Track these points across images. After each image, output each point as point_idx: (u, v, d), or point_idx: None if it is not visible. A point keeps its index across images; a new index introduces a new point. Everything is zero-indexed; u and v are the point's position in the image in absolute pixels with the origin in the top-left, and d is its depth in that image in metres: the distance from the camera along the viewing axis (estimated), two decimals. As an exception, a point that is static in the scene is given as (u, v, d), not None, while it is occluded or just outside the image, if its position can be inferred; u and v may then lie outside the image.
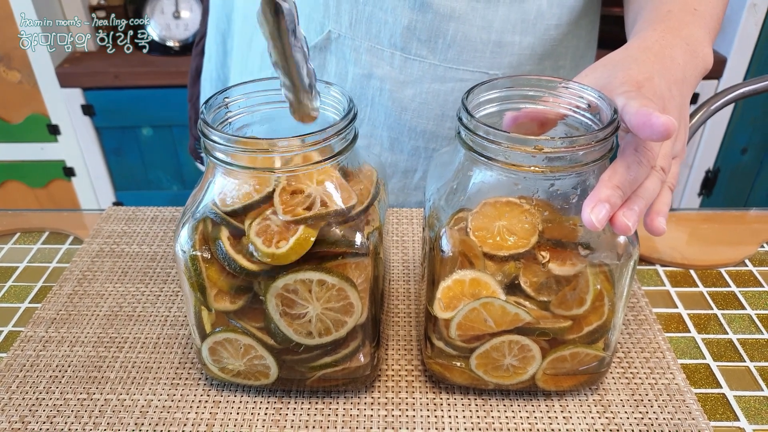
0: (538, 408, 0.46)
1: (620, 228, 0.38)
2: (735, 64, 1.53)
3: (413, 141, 0.69)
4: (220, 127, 0.42)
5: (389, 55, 0.63)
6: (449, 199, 0.43)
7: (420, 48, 0.63)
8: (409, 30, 0.62)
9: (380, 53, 0.64)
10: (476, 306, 0.42)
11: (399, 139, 0.69)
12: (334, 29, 0.63)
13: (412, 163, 0.71)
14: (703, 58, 0.48)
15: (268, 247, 0.39)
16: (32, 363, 0.50)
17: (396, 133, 0.69)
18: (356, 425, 0.45)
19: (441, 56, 0.63)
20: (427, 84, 0.65)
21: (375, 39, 0.63)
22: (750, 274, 0.61)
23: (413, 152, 0.70)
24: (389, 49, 0.63)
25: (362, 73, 0.65)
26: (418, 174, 0.72)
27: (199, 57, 0.83)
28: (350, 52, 0.64)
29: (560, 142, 0.37)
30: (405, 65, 0.64)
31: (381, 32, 0.62)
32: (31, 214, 0.72)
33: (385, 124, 0.68)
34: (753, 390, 0.49)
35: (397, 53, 0.63)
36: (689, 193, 1.75)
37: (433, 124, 0.67)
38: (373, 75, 0.65)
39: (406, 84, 0.65)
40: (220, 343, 0.45)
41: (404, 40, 0.63)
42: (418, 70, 0.64)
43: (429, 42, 0.63)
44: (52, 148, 1.68)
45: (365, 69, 0.65)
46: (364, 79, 0.66)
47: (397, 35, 0.62)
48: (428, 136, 0.68)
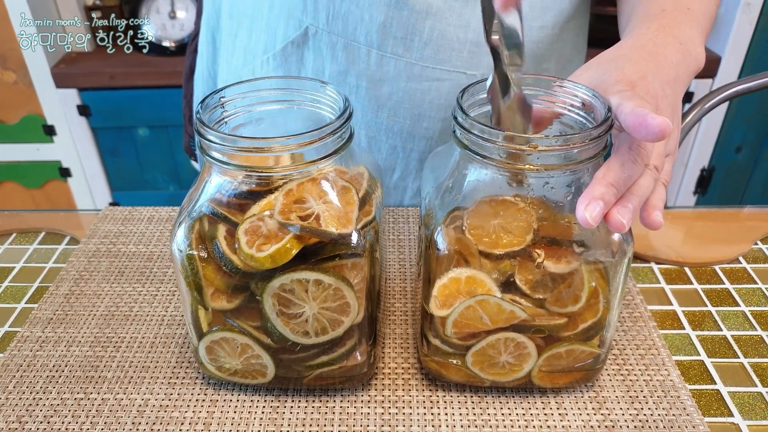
0: (534, 405, 0.47)
1: (615, 225, 0.38)
2: (729, 63, 1.54)
3: (390, 140, 0.69)
4: (216, 126, 0.43)
5: (365, 53, 0.63)
6: (445, 197, 0.43)
7: (396, 46, 0.62)
8: (385, 27, 0.61)
9: (357, 50, 0.63)
10: (472, 303, 0.42)
11: (376, 138, 0.69)
12: (311, 25, 0.63)
13: (390, 162, 0.71)
14: (695, 57, 0.48)
15: (249, 247, 0.39)
16: (29, 363, 0.50)
17: (373, 131, 0.68)
18: (353, 423, 0.45)
19: (417, 54, 0.63)
20: (404, 83, 0.64)
21: (351, 36, 0.62)
22: (744, 271, 0.61)
23: (391, 151, 0.70)
24: (365, 46, 0.63)
25: (339, 70, 0.65)
26: (396, 173, 0.72)
27: (193, 55, 0.83)
28: (327, 49, 0.64)
29: (555, 140, 0.38)
30: (381, 63, 0.63)
31: (357, 29, 0.62)
32: (28, 214, 0.72)
33: (362, 122, 0.68)
34: (747, 386, 0.49)
35: (374, 50, 0.63)
36: (684, 192, 1.75)
37: (410, 123, 0.67)
38: (349, 72, 0.65)
39: (382, 82, 0.65)
40: (217, 342, 0.45)
41: (380, 38, 0.62)
42: (394, 69, 0.64)
43: (405, 39, 0.62)
44: (48, 149, 1.67)
45: (342, 66, 0.65)
46: (340, 76, 0.65)
47: (373, 32, 0.62)
48: (405, 135, 0.68)
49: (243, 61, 0.70)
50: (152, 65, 1.54)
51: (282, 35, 0.66)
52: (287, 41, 0.65)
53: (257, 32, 0.68)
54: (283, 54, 0.66)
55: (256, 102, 0.45)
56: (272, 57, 0.67)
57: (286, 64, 0.67)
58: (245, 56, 0.70)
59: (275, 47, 0.66)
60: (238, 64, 0.71)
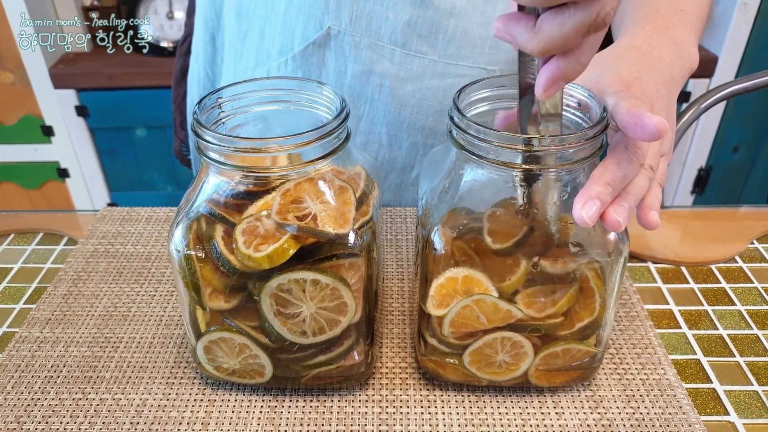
0: (530, 404, 0.47)
1: (611, 224, 0.38)
2: (726, 63, 1.54)
3: (412, 137, 0.69)
4: (213, 127, 0.43)
5: (389, 52, 0.64)
6: (441, 197, 0.44)
7: (420, 44, 0.63)
8: (410, 26, 0.62)
9: (380, 49, 0.64)
10: (468, 303, 0.42)
11: (398, 136, 0.69)
12: (333, 25, 0.63)
13: (410, 159, 0.71)
14: (689, 58, 0.48)
15: (247, 248, 0.39)
16: (27, 363, 0.50)
17: (395, 129, 0.69)
18: (351, 422, 0.46)
19: (441, 52, 0.64)
20: (427, 80, 0.65)
21: (375, 35, 0.63)
22: (740, 270, 0.62)
23: (411, 148, 0.70)
24: (389, 45, 0.63)
25: (362, 70, 0.65)
26: (415, 170, 0.72)
27: (184, 57, 0.83)
28: (350, 49, 0.64)
29: (550, 140, 0.38)
30: (405, 61, 0.64)
31: (381, 28, 0.63)
32: (26, 215, 0.72)
33: (384, 120, 0.68)
34: (743, 384, 0.49)
35: (398, 49, 0.63)
36: (682, 191, 1.76)
37: (432, 120, 0.68)
38: (373, 71, 0.65)
39: (405, 80, 0.65)
40: (214, 342, 0.45)
41: (405, 36, 0.63)
42: (418, 66, 0.64)
43: (429, 38, 0.63)
44: (46, 150, 1.67)
45: (365, 66, 0.65)
46: (363, 76, 0.66)
47: (398, 31, 0.62)
48: (427, 132, 0.69)
49: (255, 62, 0.70)
50: (150, 66, 1.54)
51: (300, 36, 0.65)
52: (307, 42, 0.65)
53: (271, 33, 0.67)
54: (304, 55, 0.66)
55: (254, 103, 0.45)
56: (291, 59, 0.67)
57: (307, 65, 0.67)
58: (257, 57, 0.70)
59: (293, 48, 0.66)
60: (248, 65, 0.71)
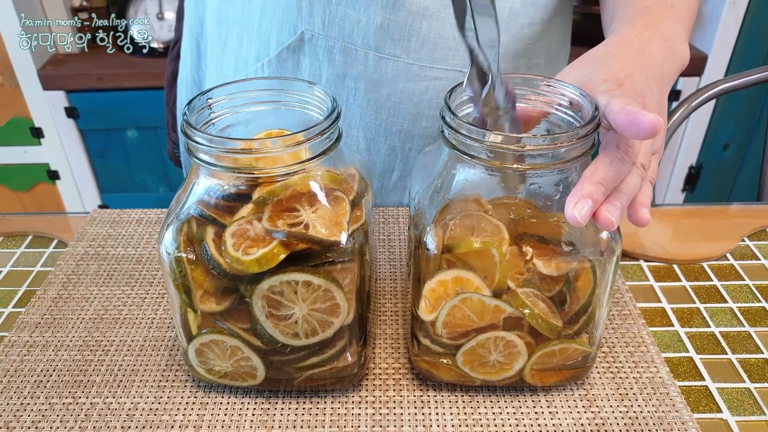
0: (524, 403, 0.47)
1: (603, 223, 0.38)
2: (716, 61, 1.55)
3: (389, 141, 0.69)
4: (203, 128, 0.42)
5: (363, 55, 0.63)
6: (434, 197, 0.43)
7: (394, 47, 0.63)
8: (383, 29, 0.62)
9: (354, 53, 0.63)
10: (456, 303, 0.42)
11: (375, 140, 0.69)
12: (307, 30, 0.63)
13: (389, 163, 0.71)
14: (680, 54, 0.49)
15: (236, 250, 0.39)
16: (16, 368, 0.50)
17: (372, 133, 0.68)
18: (344, 424, 0.45)
19: (414, 55, 0.63)
20: (402, 83, 0.65)
21: (348, 39, 0.63)
22: (731, 268, 0.62)
23: (390, 152, 0.70)
24: (363, 49, 0.63)
25: (336, 74, 0.65)
26: (395, 174, 0.72)
27: (174, 61, 0.83)
28: (324, 53, 0.64)
29: (542, 139, 0.38)
30: (379, 65, 0.64)
31: (354, 32, 0.62)
32: (15, 217, 0.72)
33: (360, 124, 0.68)
34: (735, 382, 0.49)
35: (371, 53, 0.63)
36: (673, 189, 1.77)
37: (409, 123, 0.67)
38: (347, 75, 0.65)
39: (380, 84, 0.65)
40: (206, 345, 0.44)
41: (378, 40, 0.62)
42: (392, 70, 0.64)
43: (402, 41, 0.62)
44: (36, 151, 1.66)
45: (339, 69, 0.65)
46: (338, 80, 0.65)
47: (371, 35, 0.62)
48: (404, 135, 0.68)
49: (235, 69, 0.70)
50: (140, 66, 1.53)
51: (276, 41, 0.65)
52: (282, 47, 0.65)
53: (248, 39, 0.67)
54: (279, 60, 0.66)
55: (244, 103, 0.45)
56: (267, 63, 0.67)
57: (282, 69, 0.67)
58: (236, 64, 0.70)
59: (269, 53, 0.66)
60: (228, 72, 0.71)
